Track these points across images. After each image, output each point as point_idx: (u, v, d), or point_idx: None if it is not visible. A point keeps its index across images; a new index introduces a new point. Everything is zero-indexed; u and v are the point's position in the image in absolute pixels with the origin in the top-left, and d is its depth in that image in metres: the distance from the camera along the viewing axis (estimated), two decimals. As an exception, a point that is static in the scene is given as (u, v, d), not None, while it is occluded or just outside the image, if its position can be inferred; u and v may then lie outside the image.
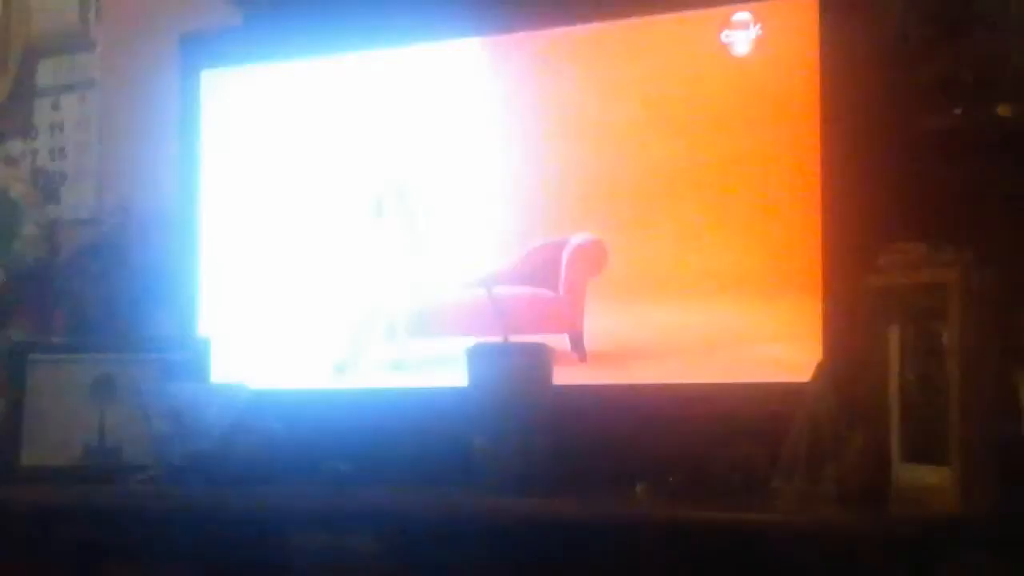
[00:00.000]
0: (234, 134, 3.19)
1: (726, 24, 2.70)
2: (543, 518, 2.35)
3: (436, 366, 2.89)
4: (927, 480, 2.20)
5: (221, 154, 3.20)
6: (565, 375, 2.62)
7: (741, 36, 2.70)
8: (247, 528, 2.58)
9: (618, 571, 2.30)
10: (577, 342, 2.76)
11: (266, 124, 3.15)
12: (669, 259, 2.71)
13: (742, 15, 2.69)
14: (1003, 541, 2.09)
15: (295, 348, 3.05)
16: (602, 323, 2.76)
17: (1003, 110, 2.44)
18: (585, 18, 2.85)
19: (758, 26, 2.68)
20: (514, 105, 2.90)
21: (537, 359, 2.57)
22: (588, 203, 2.80)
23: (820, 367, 2.36)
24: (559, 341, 2.72)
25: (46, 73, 3.81)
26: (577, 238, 2.79)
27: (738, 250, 2.65)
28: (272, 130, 3.14)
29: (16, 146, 3.80)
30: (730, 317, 2.64)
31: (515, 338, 2.71)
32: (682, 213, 2.71)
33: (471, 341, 2.62)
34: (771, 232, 2.62)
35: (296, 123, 3.12)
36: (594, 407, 2.67)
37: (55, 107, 3.79)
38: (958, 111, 2.47)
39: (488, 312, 2.79)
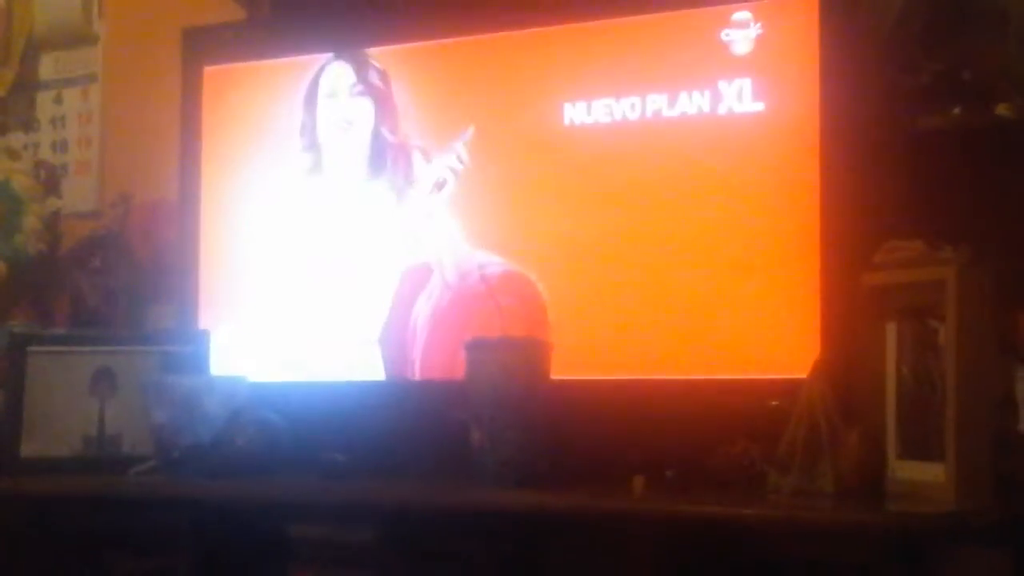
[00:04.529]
0: (236, 129, 3.18)
1: (726, 23, 2.71)
2: (540, 511, 2.36)
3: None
4: (923, 477, 2.21)
5: (222, 149, 3.19)
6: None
7: (741, 35, 2.70)
8: (246, 519, 2.59)
9: (614, 564, 2.31)
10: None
11: (268, 120, 3.15)
12: (668, 254, 2.71)
13: (742, 14, 2.70)
14: (998, 538, 2.10)
15: (294, 340, 3.05)
16: (600, 316, 2.76)
17: (1002, 109, 2.45)
18: (583, 16, 2.85)
19: (758, 25, 2.69)
20: (508, 97, 2.91)
21: (534, 353, 2.58)
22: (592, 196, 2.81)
23: (817, 364, 2.37)
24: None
25: (48, 66, 3.82)
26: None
27: (736, 246, 2.65)
28: (274, 126, 3.14)
29: (18, 139, 3.80)
30: (728, 313, 2.65)
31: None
32: (682, 206, 2.71)
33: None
34: (769, 228, 2.63)
35: (297, 119, 3.12)
36: (591, 401, 2.67)
37: (57, 100, 3.80)
38: (957, 110, 2.48)
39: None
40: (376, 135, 3.02)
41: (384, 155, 3.01)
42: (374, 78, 3.02)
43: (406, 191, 2.98)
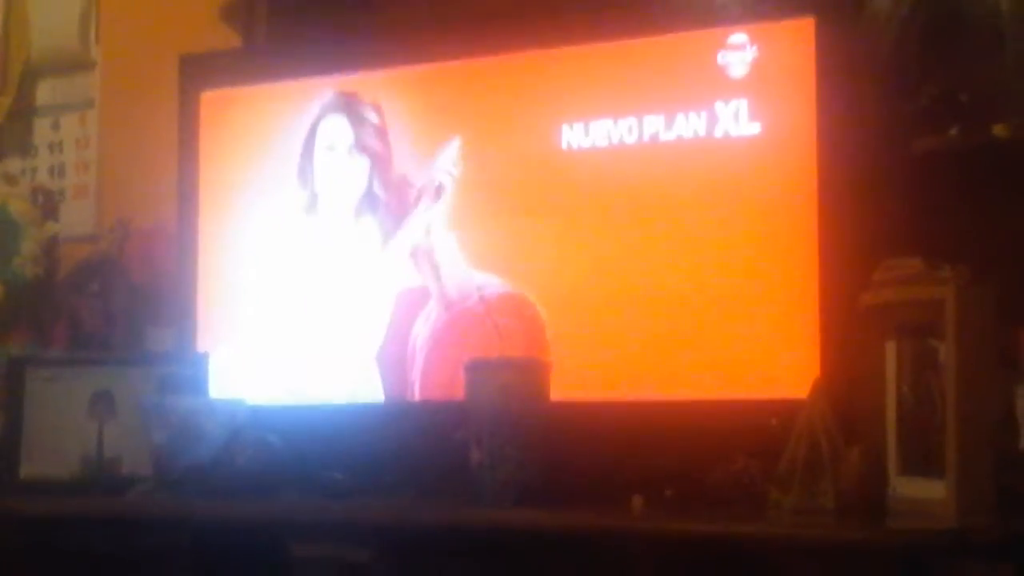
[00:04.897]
0: (233, 154, 3.19)
1: (722, 45, 2.73)
2: (539, 530, 2.36)
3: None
4: (924, 494, 2.21)
5: (220, 174, 3.20)
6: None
7: (737, 57, 2.72)
8: (245, 540, 2.58)
9: (616, 582, 2.31)
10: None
11: (265, 145, 3.16)
12: (666, 274, 2.72)
13: (738, 36, 2.72)
14: (999, 554, 2.10)
15: (292, 362, 3.05)
16: (600, 337, 2.77)
17: (999, 130, 2.46)
18: (581, 39, 2.87)
19: (754, 47, 2.70)
20: (506, 119, 2.92)
21: (533, 374, 2.58)
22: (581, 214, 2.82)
23: (817, 382, 2.37)
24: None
25: (46, 92, 3.84)
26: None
27: (735, 266, 2.66)
28: (270, 150, 3.15)
29: (15, 164, 3.82)
30: (727, 333, 2.65)
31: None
32: (680, 227, 2.72)
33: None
34: (767, 249, 2.64)
35: (294, 144, 3.12)
36: (591, 421, 2.68)
37: (55, 126, 3.81)
38: (954, 131, 2.49)
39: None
40: (370, 190, 3.03)
41: (377, 206, 3.02)
42: (370, 135, 3.03)
43: (397, 230, 2.99)
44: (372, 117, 3.03)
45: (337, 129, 3.07)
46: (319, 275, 3.07)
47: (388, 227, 3.01)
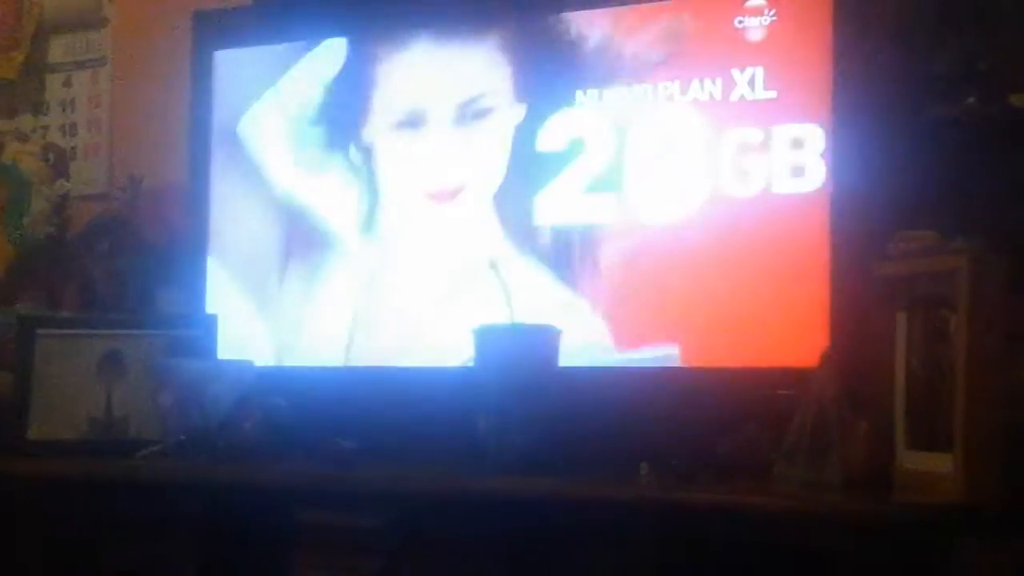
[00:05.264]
0: (246, 113, 3.18)
1: (740, 9, 2.70)
2: (546, 498, 2.36)
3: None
4: (932, 467, 2.19)
5: (231, 132, 3.19)
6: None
7: (755, 22, 2.69)
8: (252, 504, 2.59)
9: (621, 552, 2.30)
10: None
11: (278, 104, 3.14)
12: (676, 240, 2.70)
13: (756, 1, 2.69)
14: (1007, 529, 2.09)
15: (302, 326, 3.05)
16: (606, 306, 2.76)
17: (1016, 100, 2.43)
18: (598, 3, 2.84)
19: (772, 12, 2.67)
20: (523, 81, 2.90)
21: (543, 340, 2.57)
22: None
23: (826, 353, 2.36)
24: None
25: (58, 50, 3.82)
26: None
27: (746, 234, 2.64)
28: (284, 110, 3.13)
29: (28, 121, 3.81)
30: (738, 301, 2.64)
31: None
32: (692, 197, 2.71)
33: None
34: (780, 217, 2.62)
35: (307, 103, 3.11)
36: (599, 389, 2.67)
37: (67, 83, 3.80)
38: (971, 100, 2.46)
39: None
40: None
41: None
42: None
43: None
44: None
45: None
46: (330, 239, 3.05)
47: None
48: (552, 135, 2.84)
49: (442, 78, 2.99)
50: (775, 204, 2.63)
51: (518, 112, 2.88)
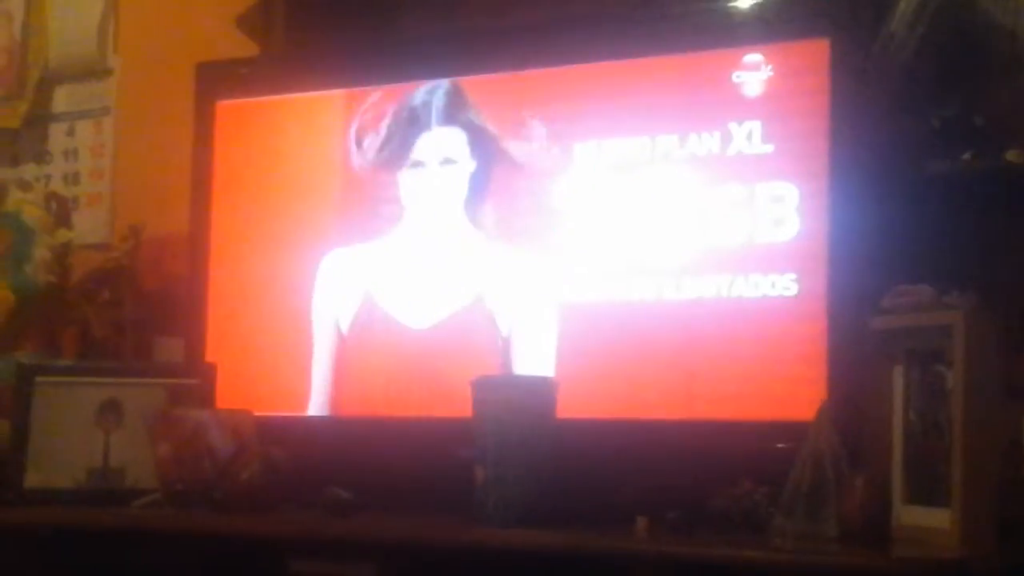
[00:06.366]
0: (247, 164, 3.20)
1: (738, 65, 2.72)
2: (542, 550, 2.35)
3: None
4: (928, 522, 2.20)
5: (233, 184, 3.21)
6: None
7: (752, 77, 2.71)
8: (249, 554, 2.58)
9: (616, 606, 2.29)
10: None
11: (279, 156, 3.16)
12: (674, 293, 2.71)
13: (753, 56, 2.71)
14: (1003, 584, 2.09)
15: (300, 376, 3.05)
16: (606, 356, 2.76)
17: (1012, 156, 2.45)
18: (596, 56, 2.86)
19: (769, 67, 2.69)
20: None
21: (541, 392, 2.57)
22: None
23: (824, 407, 2.36)
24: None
25: (62, 99, 3.85)
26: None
27: (744, 287, 2.65)
28: (285, 162, 3.15)
29: (31, 170, 3.83)
30: (735, 355, 2.64)
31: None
32: (690, 250, 2.72)
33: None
34: (777, 270, 2.63)
35: (309, 155, 3.12)
36: (597, 441, 2.67)
37: (70, 133, 3.82)
38: (967, 156, 2.48)
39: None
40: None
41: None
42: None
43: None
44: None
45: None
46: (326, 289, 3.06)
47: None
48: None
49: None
50: (771, 256, 2.64)
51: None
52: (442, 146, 2.98)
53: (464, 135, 2.96)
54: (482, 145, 2.94)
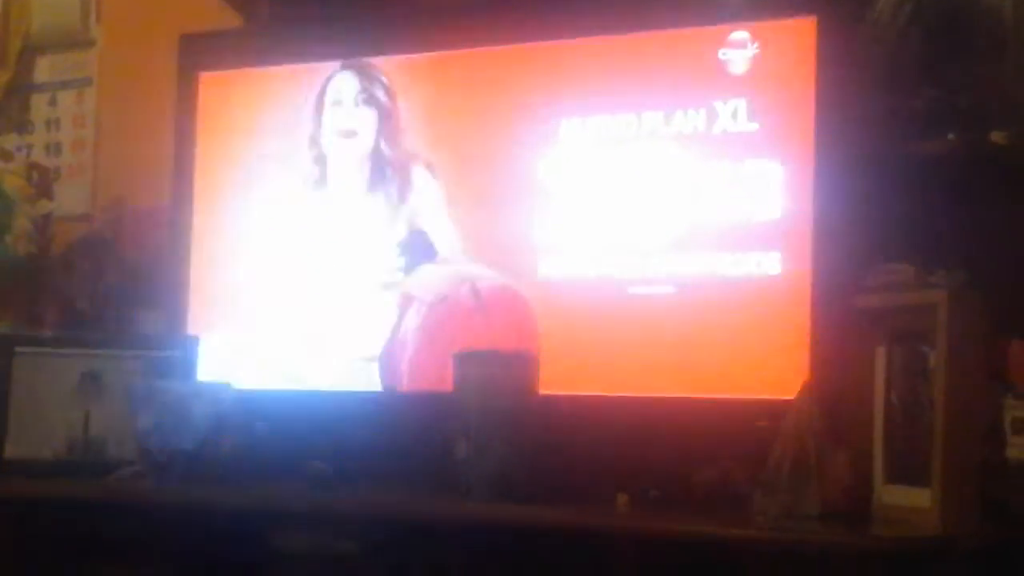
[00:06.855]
0: (230, 136, 3.18)
1: (724, 42, 2.71)
2: (522, 525, 2.36)
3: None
4: (909, 501, 2.21)
5: (216, 155, 3.19)
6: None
7: (738, 55, 2.71)
8: (229, 526, 2.58)
9: (597, 581, 2.30)
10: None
11: (262, 127, 3.15)
12: (659, 270, 2.71)
13: (740, 34, 2.70)
14: (983, 564, 2.10)
15: (281, 349, 3.05)
16: (588, 332, 2.76)
17: (996, 137, 2.45)
18: (584, 31, 2.85)
19: (755, 45, 2.69)
20: (506, 111, 2.91)
21: (522, 367, 2.57)
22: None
23: (806, 386, 2.36)
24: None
25: (44, 69, 3.82)
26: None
27: (727, 265, 2.65)
28: (267, 133, 3.14)
29: (12, 140, 3.80)
30: (718, 332, 2.65)
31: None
32: (673, 229, 2.72)
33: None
34: (761, 248, 2.63)
35: (292, 127, 3.11)
36: (578, 417, 2.66)
37: (52, 103, 3.79)
38: (952, 136, 2.47)
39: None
40: (377, 148, 3.01)
41: (383, 168, 3.00)
42: (379, 90, 3.02)
43: (402, 205, 2.98)
44: (381, 77, 3.03)
45: (345, 82, 3.07)
46: (312, 262, 3.05)
47: (395, 199, 3.00)
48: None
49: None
50: (756, 234, 2.64)
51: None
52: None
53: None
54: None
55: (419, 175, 2.97)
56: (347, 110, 3.06)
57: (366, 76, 3.04)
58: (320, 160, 3.07)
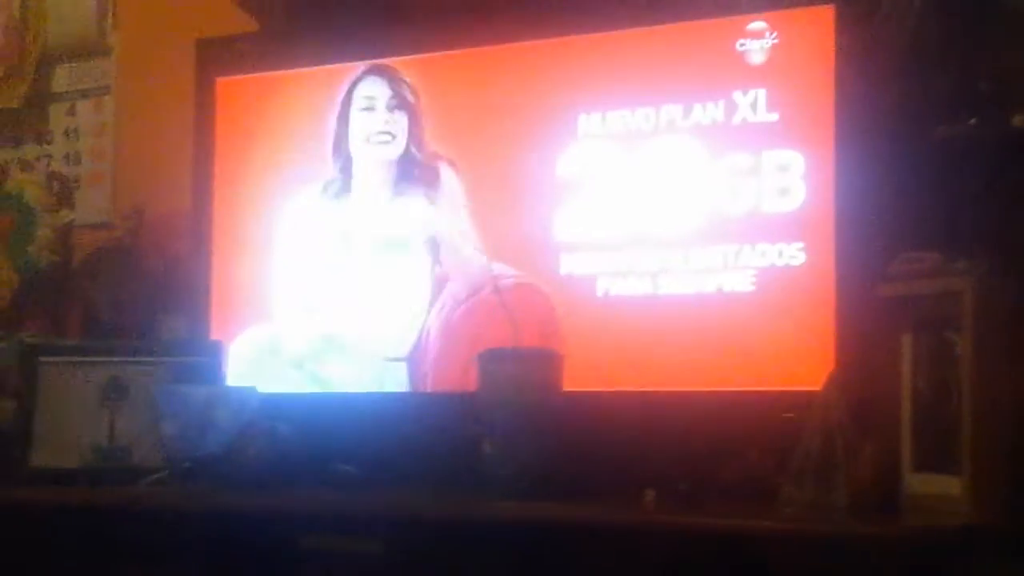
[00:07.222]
0: (249, 140, 3.18)
1: (742, 33, 2.70)
2: (551, 523, 2.35)
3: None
4: (938, 490, 2.19)
5: (235, 160, 3.19)
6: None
7: (756, 45, 2.69)
8: (256, 531, 2.57)
9: (626, 576, 2.29)
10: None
11: (281, 131, 3.14)
12: (681, 264, 2.70)
13: (758, 24, 2.69)
14: (1013, 551, 2.08)
15: (305, 351, 3.04)
16: (615, 328, 2.75)
17: (1018, 120, 2.43)
18: (600, 26, 2.84)
19: (774, 35, 2.68)
20: (523, 107, 2.90)
21: (546, 365, 2.56)
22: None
23: (832, 376, 2.35)
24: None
25: (62, 78, 3.82)
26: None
27: (751, 256, 2.64)
28: (287, 137, 3.14)
29: (32, 150, 3.81)
30: (743, 324, 2.63)
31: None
32: (697, 223, 2.71)
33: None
34: (784, 238, 2.62)
35: (313, 130, 3.11)
36: (603, 414, 2.66)
37: (71, 112, 3.80)
38: (973, 121, 2.46)
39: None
40: (407, 150, 3.01)
41: (411, 170, 3.00)
42: (407, 92, 3.02)
43: (428, 205, 2.97)
44: (406, 78, 3.03)
45: (375, 88, 3.06)
46: (334, 265, 3.05)
47: (419, 203, 2.99)
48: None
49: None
50: (778, 224, 2.63)
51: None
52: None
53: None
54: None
55: (445, 174, 2.96)
56: (381, 115, 3.04)
57: (394, 80, 3.03)
58: (346, 164, 3.06)
